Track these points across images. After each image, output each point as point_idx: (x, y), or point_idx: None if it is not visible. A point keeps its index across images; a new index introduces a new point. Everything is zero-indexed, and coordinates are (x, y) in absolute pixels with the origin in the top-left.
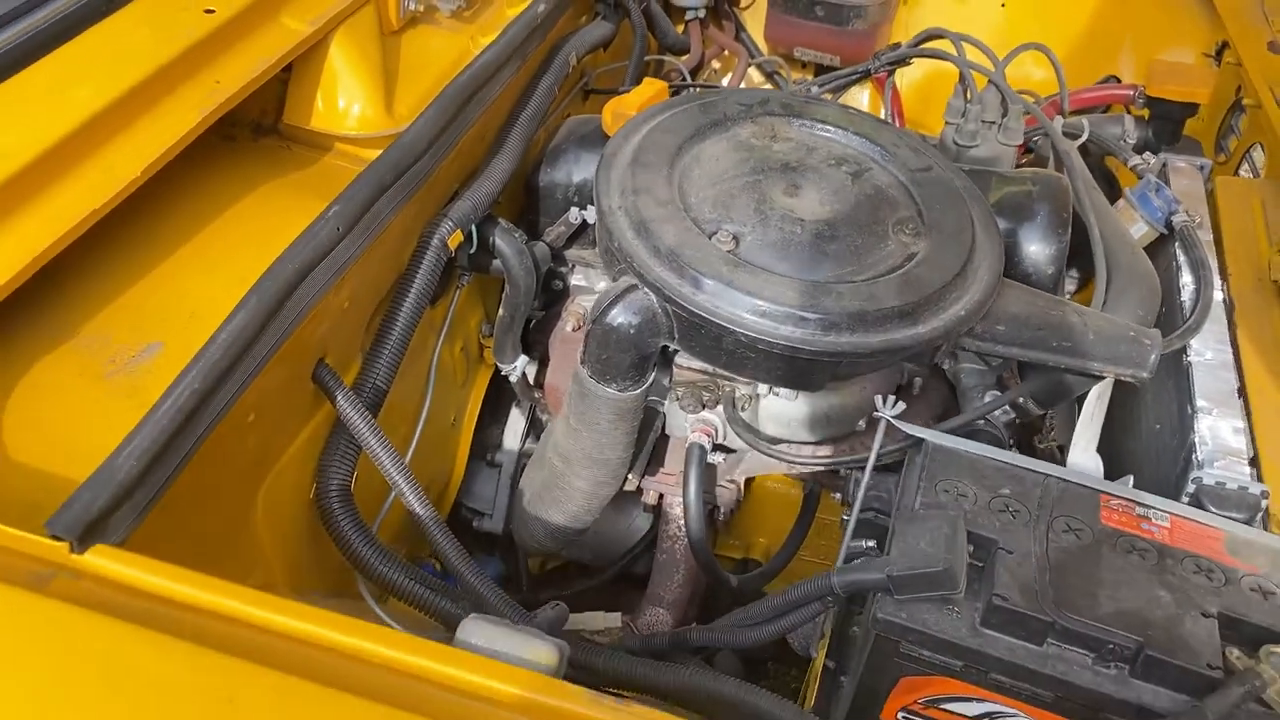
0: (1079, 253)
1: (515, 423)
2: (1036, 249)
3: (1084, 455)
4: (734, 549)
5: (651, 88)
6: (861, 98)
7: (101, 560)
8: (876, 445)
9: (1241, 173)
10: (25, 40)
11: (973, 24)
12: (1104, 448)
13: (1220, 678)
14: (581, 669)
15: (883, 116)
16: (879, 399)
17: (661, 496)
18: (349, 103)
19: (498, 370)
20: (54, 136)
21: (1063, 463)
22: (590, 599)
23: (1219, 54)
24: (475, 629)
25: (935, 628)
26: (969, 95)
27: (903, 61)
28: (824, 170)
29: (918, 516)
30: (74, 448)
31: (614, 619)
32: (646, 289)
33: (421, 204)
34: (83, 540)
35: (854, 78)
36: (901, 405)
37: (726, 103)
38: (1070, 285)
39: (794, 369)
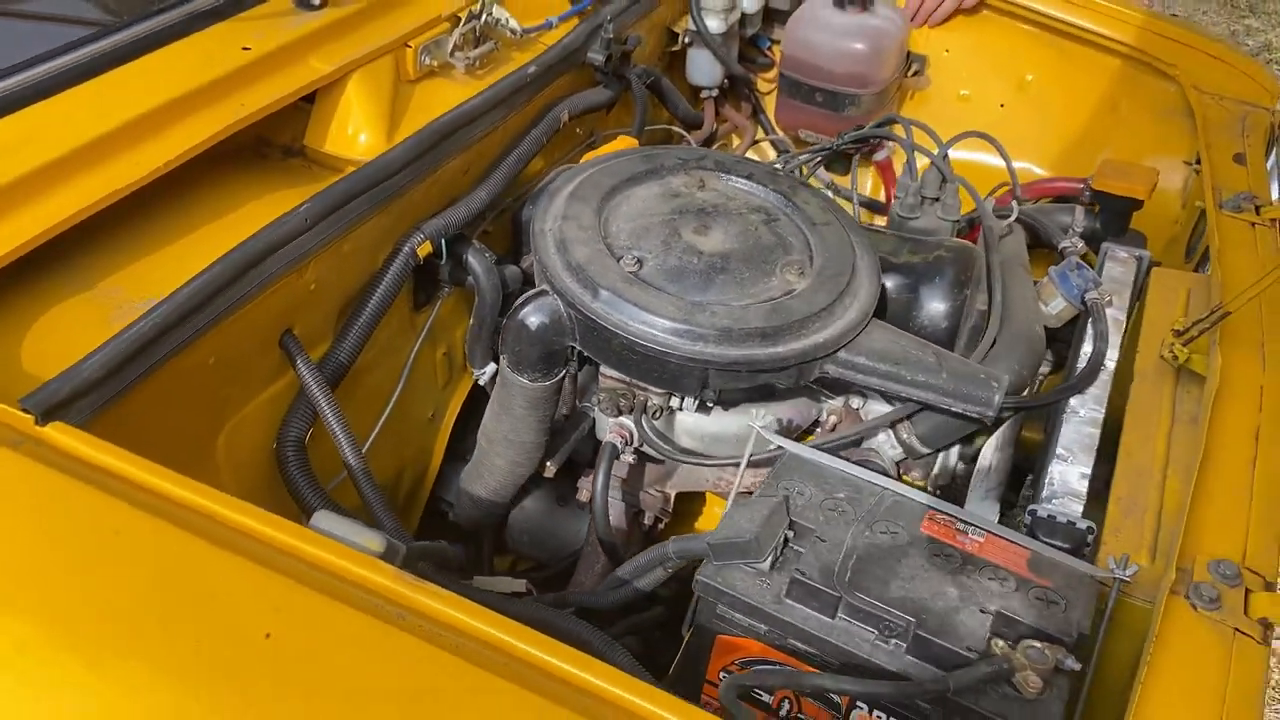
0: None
1: None
2: (935, 303)
3: (980, 504)
4: None
5: (623, 144)
6: (866, 177)
7: (58, 434)
8: (748, 452)
9: (1205, 270)
10: (98, 58)
11: (973, 121)
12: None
13: (975, 659)
14: None
15: (852, 188)
16: (755, 411)
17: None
18: (356, 132)
19: None
20: (102, 130)
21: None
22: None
23: (1198, 163)
24: (324, 518)
25: (744, 592)
26: (913, 174)
27: (865, 141)
28: (735, 215)
29: (749, 502)
30: (67, 364)
31: (519, 584)
32: (555, 295)
33: (399, 218)
34: (45, 416)
35: (824, 153)
36: (771, 418)
37: (667, 156)
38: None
39: (667, 372)
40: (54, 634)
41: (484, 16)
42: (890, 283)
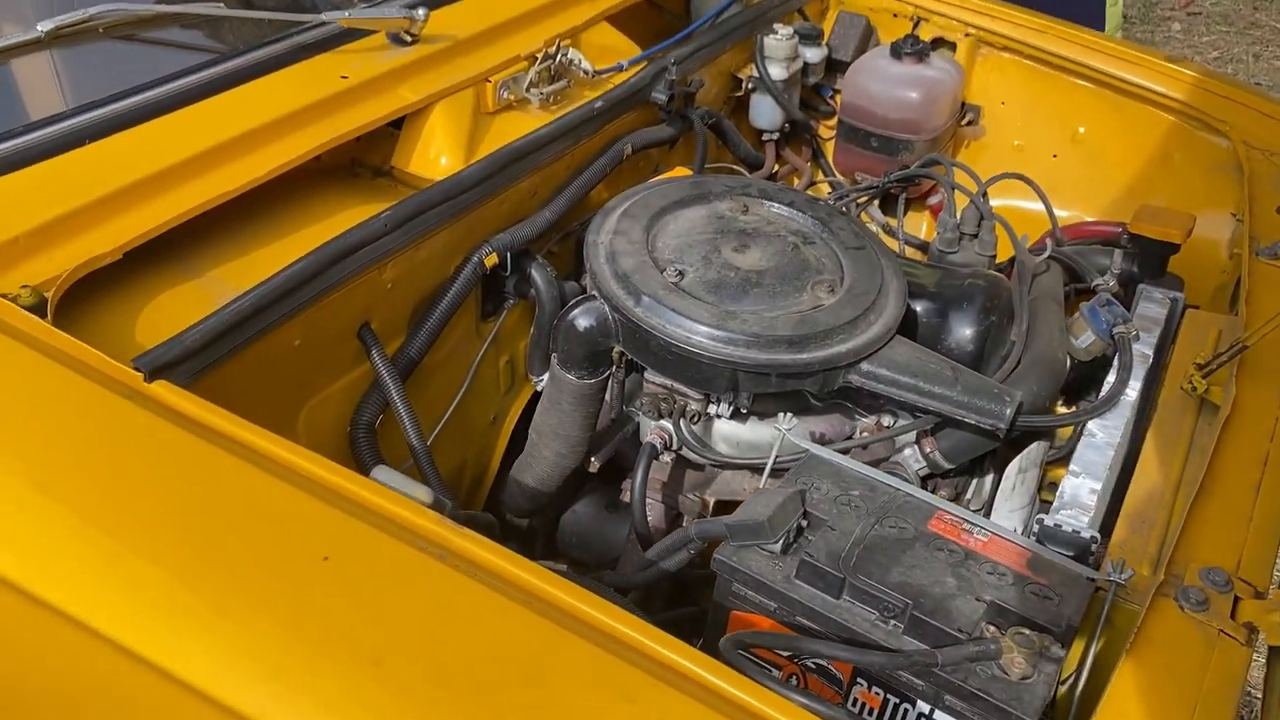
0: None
1: None
2: (962, 328)
3: (1004, 523)
4: None
5: (677, 173)
6: (920, 221)
7: (162, 390)
8: (774, 452)
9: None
10: (215, 80)
11: (1026, 170)
12: None
13: (965, 639)
14: None
15: (898, 225)
16: (781, 416)
17: None
18: (438, 155)
19: None
20: (215, 141)
21: None
22: None
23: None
24: (382, 472)
25: (757, 571)
26: (951, 211)
27: (913, 182)
28: (773, 237)
29: (768, 491)
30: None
31: (560, 568)
32: (602, 300)
33: (469, 231)
34: (152, 374)
35: (871, 190)
36: (804, 429)
37: (715, 183)
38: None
39: (700, 373)
40: (139, 542)
41: (559, 57)
42: (920, 307)
